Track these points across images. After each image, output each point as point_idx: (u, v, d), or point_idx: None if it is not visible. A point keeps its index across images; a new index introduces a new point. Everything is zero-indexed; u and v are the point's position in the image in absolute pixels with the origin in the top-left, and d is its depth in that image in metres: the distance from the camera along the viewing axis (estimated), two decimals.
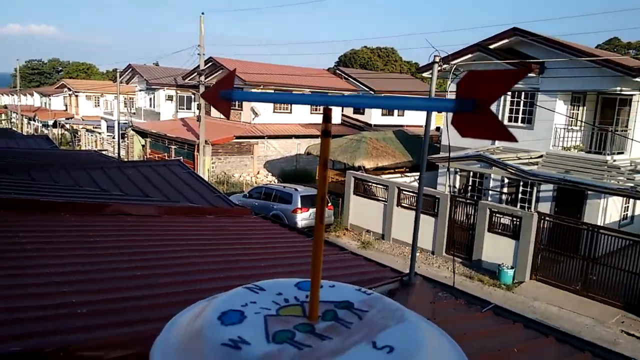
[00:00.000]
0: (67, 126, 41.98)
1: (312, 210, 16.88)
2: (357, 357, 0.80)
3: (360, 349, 0.82)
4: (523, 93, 18.22)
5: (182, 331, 0.90)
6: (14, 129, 37.33)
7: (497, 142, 18.62)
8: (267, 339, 0.83)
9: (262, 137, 26.97)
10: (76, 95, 48.84)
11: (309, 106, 30.57)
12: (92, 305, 3.02)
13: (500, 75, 0.76)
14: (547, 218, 13.97)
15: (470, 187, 18.94)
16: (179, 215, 6.40)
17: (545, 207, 16.54)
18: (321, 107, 0.92)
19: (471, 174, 18.63)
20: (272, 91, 29.20)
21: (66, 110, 50.01)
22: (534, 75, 17.30)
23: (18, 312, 2.71)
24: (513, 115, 18.51)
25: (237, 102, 29.59)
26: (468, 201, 15.69)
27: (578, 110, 18.37)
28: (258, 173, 27.15)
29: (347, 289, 1.08)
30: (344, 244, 15.31)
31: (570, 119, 17.90)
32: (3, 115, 55.18)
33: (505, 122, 18.58)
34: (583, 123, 18.09)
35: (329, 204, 17.79)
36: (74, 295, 3.09)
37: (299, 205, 16.51)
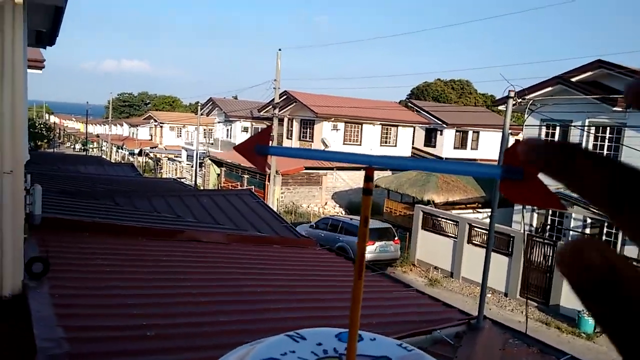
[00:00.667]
0: (151, 155, 44.89)
1: (379, 244, 16.65)
2: None
3: None
4: (608, 128, 17.14)
5: None
6: (103, 156, 40.52)
7: None
8: None
9: (331, 169, 27.24)
10: (161, 126, 52.28)
11: (379, 139, 30.63)
12: (160, 328, 3.16)
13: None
14: (634, 262, 12.82)
15: (548, 226, 17.87)
16: (246, 243, 6.58)
17: (633, 251, 15.19)
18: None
19: (550, 212, 17.60)
20: (342, 123, 29.60)
21: (151, 139, 53.58)
22: (620, 109, 16.25)
23: (91, 331, 2.89)
24: (597, 151, 17.37)
25: (307, 134, 30.28)
26: (546, 241, 14.78)
27: None
28: (326, 204, 27.35)
29: (388, 344, 1.07)
30: (410, 280, 14.90)
31: None
32: (95, 143, 60.14)
33: None
34: None
35: (395, 238, 17.47)
36: (144, 318, 3.25)
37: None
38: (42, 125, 40.49)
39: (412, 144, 32.94)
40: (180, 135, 51.14)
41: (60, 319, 2.95)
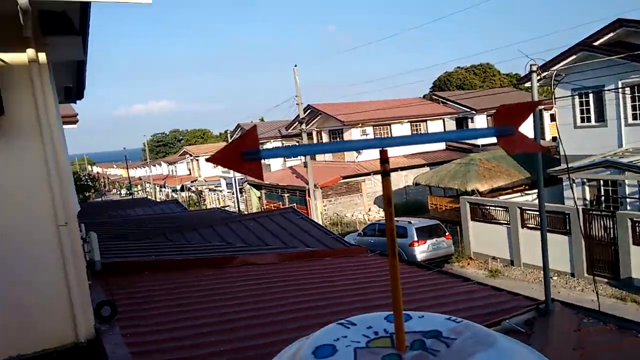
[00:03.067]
0: (193, 189, 46.02)
1: (430, 242, 16.37)
2: None
3: None
4: None
5: None
6: (148, 197, 41.82)
7: (624, 143, 16.76)
8: None
9: (368, 174, 27.13)
10: (197, 160, 53.60)
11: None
12: (231, 353, 3.21)
13: (521, 105, 1.09)
14: None
15: (603, 198, 17.11)
16: (298, 260, 6.62)
17: None
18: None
19: (601, 182, 16.87)
20: (363, 131, 29.46)
21: (190, 174, 55.02)
22: None
23: None
24: (637, 112, 16.55)
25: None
26: (604, 213, 14.15)
27: None
28: (369, 210, 27.21)
29: (436, 319, 1.11)
30: (469, 274, 14.56)
31: None
32: (139, 186, 62.23)
33: (630, 120, 16.67)
34: None
35: (447, 234, 17.13)
36: (214, 345, 3.31)
37: (415, 238, 16.12)
38: (86, 177, 42.26)
39: None
40: (217, 166, 52.06)
41: (135, 356, 3.05)
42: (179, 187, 47.72)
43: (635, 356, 3.09)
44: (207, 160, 1.04)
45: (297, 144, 36.13)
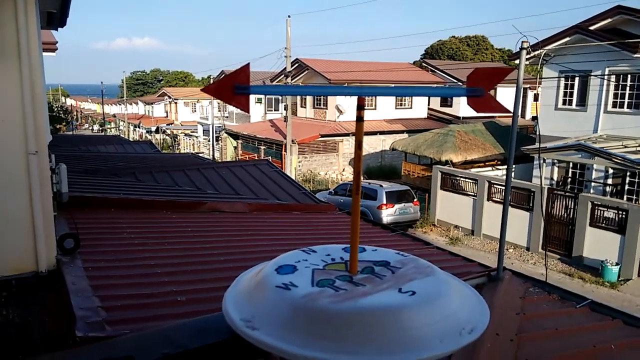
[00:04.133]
0: (168, 131, 45.27)
1: (398, 206, 16.72)
2: (383, 297, 0.99)
3: (386, 292, 1.01)
4: (629, 76, 16.62)
5: (247, 281, 1.16)
6: (122, 135, 41.01)
7: (600, 129, 17.17)
8: (311, 284, 1.05)
9: (347, 135, 27.16)
10: (175, 103, 52.47)
11: (394, 102, 30.26)
12: (190, 293, 3.30)
13: (495, 70, 1.15)
14: None
15: (569, 179, 17.66)
16: (267, 211, 6.71)
17: None
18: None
19: (570, 165, 17.36)
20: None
21: (167, 116, 53.93)
22: None
23: (125, 299, 3.04)
24: (618, 100, 16.94)
25: (322, 101, 30.07)
26: (567, 194, 14.66)
27: None
28: (343, 170, 27.40)
29: (387, 252, 1.29)
30: (431, 240, 15.01)
31: None
32: (112, 123, 60.82)
33: (609, 107, 17.07)
34: None
35: (415, 200, 17.50)
36: (174, 284, 3.40)
37: (384, 202, 16.44)
38: (59, 108, 40.97)
39: (428, 105, 32.50)
40: (195, 111, 51.30)
41: (95, 289, 3.10)
42: (153, 129, 46.85)
43: (571, 323, 3.32)
44: (202, 90, 1.15)
45: (280, 97, 35.66)
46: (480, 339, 1.03)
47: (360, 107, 1.17)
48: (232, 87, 1.06)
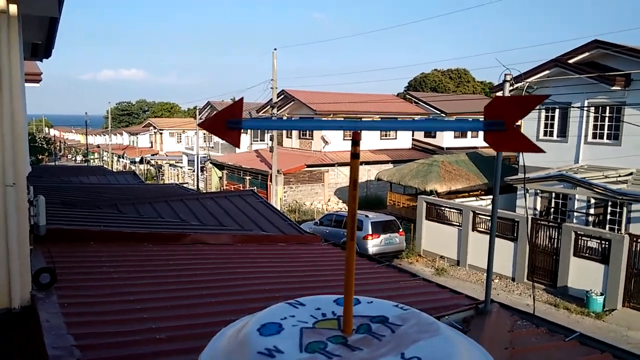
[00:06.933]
0: (152, 162, 44.97)
1: (384, 237, 16.66)
2: None
3: (387, 359, 0.86)
4: (608, 108, 17.09)
5: (226, 342, 1.00)
6: (105, 166, 40.60)
7: (581, 160, 17.49)
8: (300, 348, 0.90)
9: (333, 165, 27.25)
10: (160, 133, 52.34)
11: (379, 132, 30.58)
12: (170, 330, 3.18)
13: (522, 99, 0.89)
14: (639, 240, 12.81)
15: (552, 209, 17.85)
16: (252, 243, 6.61)
17: (638, 229, 15.18)
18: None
19: (553, 195, 17.58)
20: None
21: (151, 147, 53.67)
22: (619, 88, 16.20)
23: (101, 337, 2.91)
24: (598, 131, 17.34)
25: (307, 132, 30.26)
26: (551, 224, 14.78)
27: None
28: (329, 200, 27.37)
29: (384, 305, 1.13)
30: (417, 270, 14.91)
31: None
32: (96, 154, 60.26)
33: (590, 138, 17.47)
34: None
35: (400, 230, 17.48)
36: (153, 321, 3.28)
37: (370, 232, 16.37)
38: (42, 139, 40.54)
39: (413, 135, 32.90)
40: (181, 141, 51.18)
41: (70, 327, 2.97)
42: (138, 159, 46.53)
43: (559, 357, 3.27)
44: (198, 125, 1.14)
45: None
46: None
47: (356, 143, 1.03)
48: (225, 122, 1.02)
